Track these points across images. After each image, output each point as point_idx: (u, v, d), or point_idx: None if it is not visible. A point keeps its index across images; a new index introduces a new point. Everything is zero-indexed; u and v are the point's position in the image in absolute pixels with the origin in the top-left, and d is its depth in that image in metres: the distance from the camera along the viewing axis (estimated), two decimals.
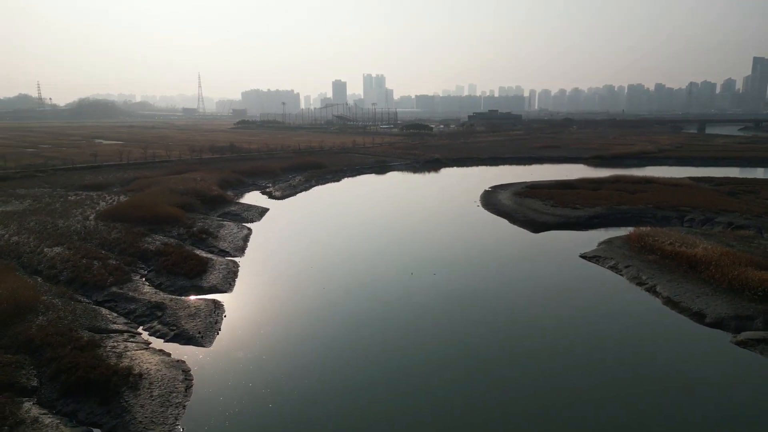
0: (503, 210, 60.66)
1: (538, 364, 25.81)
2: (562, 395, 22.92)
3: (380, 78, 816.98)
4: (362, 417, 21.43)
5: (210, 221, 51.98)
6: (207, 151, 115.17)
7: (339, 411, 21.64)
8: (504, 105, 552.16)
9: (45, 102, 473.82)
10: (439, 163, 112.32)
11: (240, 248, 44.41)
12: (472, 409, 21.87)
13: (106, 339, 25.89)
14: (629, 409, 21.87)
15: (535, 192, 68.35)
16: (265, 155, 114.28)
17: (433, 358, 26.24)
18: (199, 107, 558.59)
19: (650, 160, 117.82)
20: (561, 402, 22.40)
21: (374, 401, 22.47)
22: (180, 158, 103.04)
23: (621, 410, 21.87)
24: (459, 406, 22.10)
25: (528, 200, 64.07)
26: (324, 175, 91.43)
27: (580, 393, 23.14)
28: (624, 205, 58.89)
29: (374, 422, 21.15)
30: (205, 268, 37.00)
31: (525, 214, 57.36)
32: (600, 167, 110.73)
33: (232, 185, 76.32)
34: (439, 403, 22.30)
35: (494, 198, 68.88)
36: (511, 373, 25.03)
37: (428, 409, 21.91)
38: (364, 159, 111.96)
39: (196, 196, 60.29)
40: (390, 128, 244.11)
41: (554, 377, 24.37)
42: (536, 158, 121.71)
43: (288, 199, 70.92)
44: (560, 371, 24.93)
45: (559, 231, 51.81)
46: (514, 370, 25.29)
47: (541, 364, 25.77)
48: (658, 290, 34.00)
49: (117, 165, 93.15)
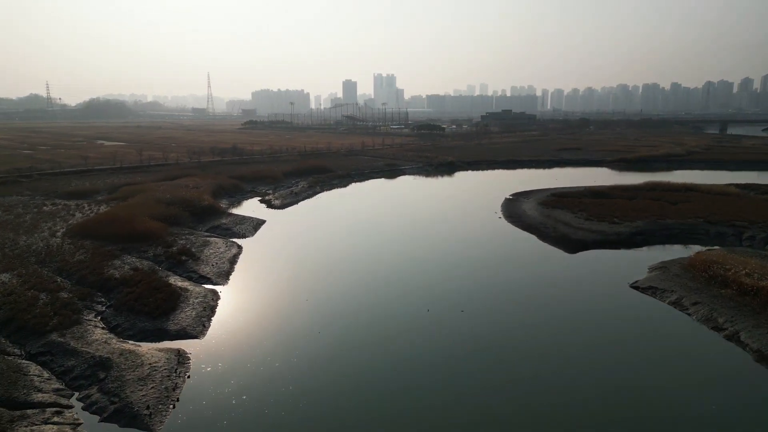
0: (530, 223, 53.44)
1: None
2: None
3: (391, 78, 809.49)
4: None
5: (195, 238, 45.37)
6: (208, 154, 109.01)
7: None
8: (516, 105, 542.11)
9: (55, 102, 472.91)
10: (453, 167, 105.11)
11: (224, 273, 37.67)
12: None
13: (20, 419, 19.23)
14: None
15: (564, 201, 60.99)
16: (268, 158, 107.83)
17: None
18: (209, 107, 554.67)
19: (679, 163, 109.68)
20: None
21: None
22: (177, 161, 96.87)
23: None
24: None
25: (557, 211, 56.78)
26: (330, 181, 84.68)
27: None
28: (668, 218, 51.40)
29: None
30: (175, 303, 30.28)
31: (556, 228, 50.10)
32: (625, 171, 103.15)
33: (229, 192, 69.80)
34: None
35: (517, 208, 61.67)
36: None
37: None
38: (373, 162, 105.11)
39: (185, 207, 53.80)
40: (401, 128, 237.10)
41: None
42: (556, 161, 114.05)
43: (288, 208, 64.18)
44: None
45: (599, 251, 44.47)
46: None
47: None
48: (742, 339, 26.70)
49: (110, 169, 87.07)
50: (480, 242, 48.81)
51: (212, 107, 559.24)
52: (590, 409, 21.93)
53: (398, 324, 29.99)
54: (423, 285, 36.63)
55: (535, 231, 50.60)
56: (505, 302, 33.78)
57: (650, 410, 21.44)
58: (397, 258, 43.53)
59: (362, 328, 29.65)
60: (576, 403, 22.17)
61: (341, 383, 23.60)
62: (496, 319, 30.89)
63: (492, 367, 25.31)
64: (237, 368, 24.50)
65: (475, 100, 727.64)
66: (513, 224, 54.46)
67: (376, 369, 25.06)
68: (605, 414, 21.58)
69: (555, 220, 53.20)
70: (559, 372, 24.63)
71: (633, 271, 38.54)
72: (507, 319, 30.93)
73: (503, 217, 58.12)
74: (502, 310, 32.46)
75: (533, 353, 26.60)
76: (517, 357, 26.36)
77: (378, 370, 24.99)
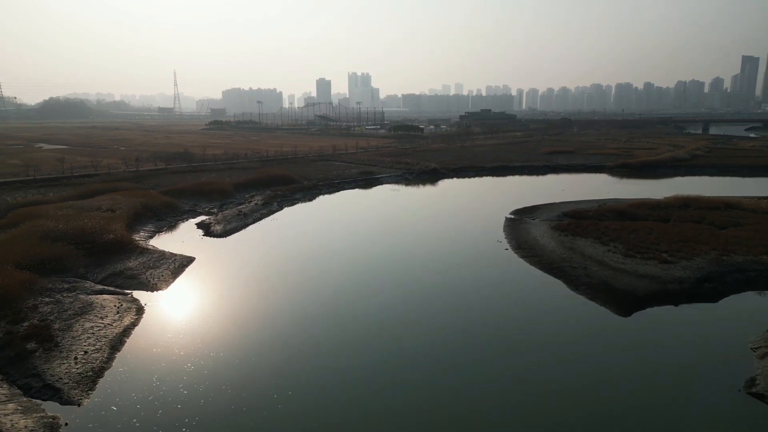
0: (549, 260, 40.11)
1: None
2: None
3: (366, 77, 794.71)
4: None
5: (72, 299, 30.54)
6: (151, 160, 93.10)
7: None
8: (492, 104, 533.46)
9: (9, 101, 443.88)
10: (436, 174, 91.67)
11: (91, 374, 23.00)
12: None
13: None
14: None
15: (584, 225, 47.91)
16: (222, 165, 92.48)
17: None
18: (176, 107, 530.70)
19: (687, 169, 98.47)
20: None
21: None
22: (110, 170, 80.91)
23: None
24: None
25: (580, 241, 43.62)
26: (291, 194, 70.17)
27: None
28: (734, 252, 38.63)
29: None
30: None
31: (588, 269, 36.81)
32: (630, 178, 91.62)
33: (158, 215, 54.75)
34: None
35: (525, 233, 48.46)
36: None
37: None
38: (345, 170, 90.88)
39: (79, 243, 38.80)
40: (377, 129, 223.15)
41: None
42: (551, 167, 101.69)
43: (232, 236, 49.58)
44: None
45: (659, 308, 31.33)
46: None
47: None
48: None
49: (18, 182, 70.77)
50: (486, 296, 34.72)
51: (179, 106, 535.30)
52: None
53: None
54: (410, 376, 22.84)
55: (559, 273, 37.20)
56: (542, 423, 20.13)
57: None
58: (365, 328, 29.51)
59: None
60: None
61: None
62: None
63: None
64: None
65: (451, 99, 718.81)
66: (526, 260, 41.02)
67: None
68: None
69: (582, 256, 39.95)
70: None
71: (729, 354, 25.53)
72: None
73: (510, 248, 44.68)
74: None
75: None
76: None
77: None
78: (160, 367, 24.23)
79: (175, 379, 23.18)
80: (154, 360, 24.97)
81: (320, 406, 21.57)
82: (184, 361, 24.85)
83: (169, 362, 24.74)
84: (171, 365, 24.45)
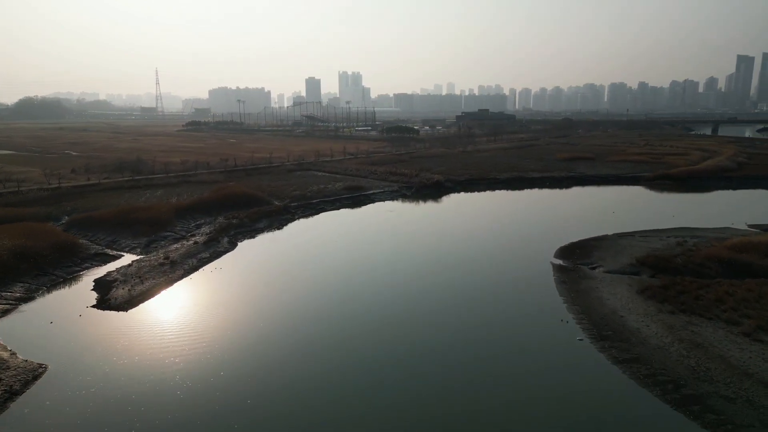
0: (668, 373, 22.78)
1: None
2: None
3: (357, 76, 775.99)
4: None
5: None
6: (91, 172, 74.88)
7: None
8: (486, 104, 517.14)
9: None
10: (440, 189, 74.54)
11: None
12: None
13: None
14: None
15: (686, 288, 30.71)
16: (176, 177, 74.27)
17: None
18: (158, 106, 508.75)
19: (740, 181, 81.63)
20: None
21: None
22: (19, 188, 62.51)
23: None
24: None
25: (699, 323, 26.49)
26: (252, 222, 52.46)
27: None
28: None
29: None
30: None
31: (737, 397, 19.67)
32: (675, 192, 75.15)
33: (39, 266, 36.75)
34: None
35: (597, 302, 31.26)
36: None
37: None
38: (328, 183, 73.22)
39: None
40: (368, 130, 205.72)
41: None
42: (576, 178, 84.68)
43: (139, 306, 31.76)
44: None
45: None
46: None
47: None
48: None
49: None
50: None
51: (161, 106, 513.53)
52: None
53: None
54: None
55: (706, 410, 19.93)
56: None
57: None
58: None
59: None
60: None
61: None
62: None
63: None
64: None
65: (444, 99, 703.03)
66: (625, 371, 23.72)
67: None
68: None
69: (727, 365, 22.76)
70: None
71: None
72: None
73: (587, 337, 27.35)
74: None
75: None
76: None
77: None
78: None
79: None
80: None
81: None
82: None
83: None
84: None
